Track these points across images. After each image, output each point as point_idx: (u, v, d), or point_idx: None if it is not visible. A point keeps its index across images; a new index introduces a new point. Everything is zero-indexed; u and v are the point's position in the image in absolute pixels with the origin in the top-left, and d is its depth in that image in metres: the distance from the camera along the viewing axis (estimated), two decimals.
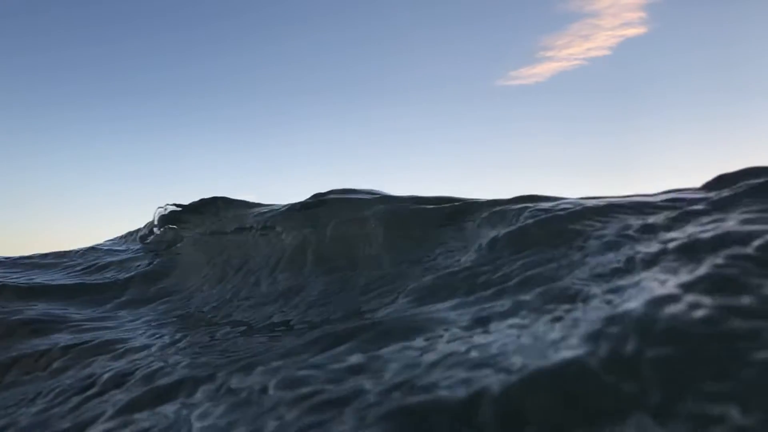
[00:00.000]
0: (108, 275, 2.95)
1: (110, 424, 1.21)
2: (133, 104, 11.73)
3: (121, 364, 1.60)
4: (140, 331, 1.97)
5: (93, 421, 1.26)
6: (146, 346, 1.75)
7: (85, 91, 11.10)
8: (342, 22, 10.73)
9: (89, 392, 1.46)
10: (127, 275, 2.86)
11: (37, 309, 2.34)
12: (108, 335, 1.95)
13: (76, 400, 1.42)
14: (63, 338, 1.96)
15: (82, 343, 1.86)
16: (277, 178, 11.60)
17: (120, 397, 1.36)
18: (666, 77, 10.16)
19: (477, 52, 10.76)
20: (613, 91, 10.13)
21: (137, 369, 1.52)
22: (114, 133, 11.78)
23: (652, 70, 10.07)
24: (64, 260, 3.45)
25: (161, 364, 1.51)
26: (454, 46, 10.84)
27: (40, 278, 2.97)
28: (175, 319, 2.15)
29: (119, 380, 1.47)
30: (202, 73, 11.54)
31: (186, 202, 3.41)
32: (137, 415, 1.22)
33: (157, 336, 1.88)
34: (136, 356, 1.66)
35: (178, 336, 1.86)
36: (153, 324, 2.09)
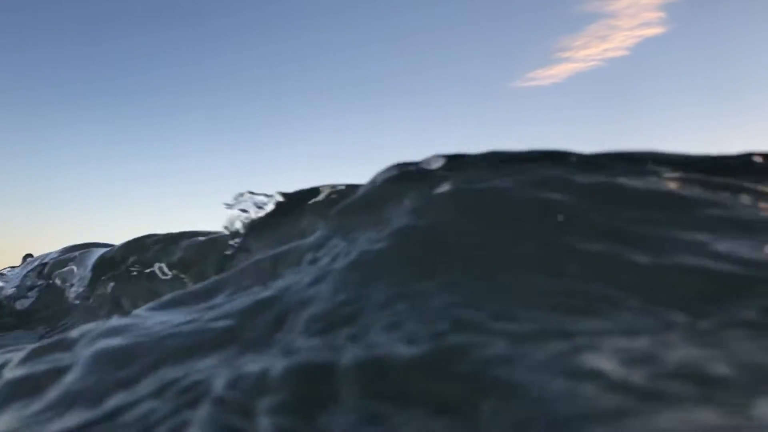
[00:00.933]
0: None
1: None
2: (133, 104, 11.61)
3: None
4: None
5: None
6: None
7: (85, 91, 10.97)
8: (353, 20, 10.51)
9: None
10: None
11: None
12: None
13: None
14: None
15: None
16: (277, 178, 11.45)
17: None
18: (684, 77, 9.89)
19: (493, 54, 10.53)
20: (631, 91, 9.86)
21: None
22: (114, 133, 11.66)
23: (670, 71, 9.80)
24: None
25: None
26: (469, 47, 10.62)
27: None
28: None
29: None
30: (202, 73, 11.39)
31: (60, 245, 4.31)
32: None
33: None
34: None
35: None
36: None
